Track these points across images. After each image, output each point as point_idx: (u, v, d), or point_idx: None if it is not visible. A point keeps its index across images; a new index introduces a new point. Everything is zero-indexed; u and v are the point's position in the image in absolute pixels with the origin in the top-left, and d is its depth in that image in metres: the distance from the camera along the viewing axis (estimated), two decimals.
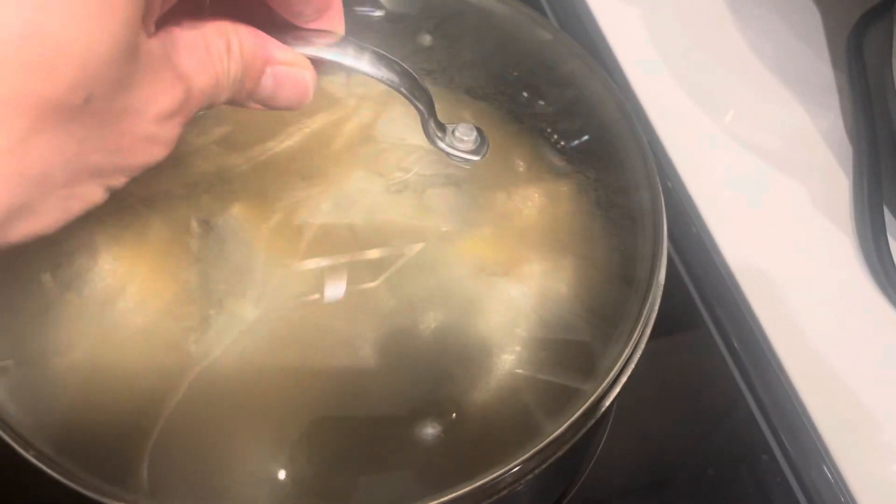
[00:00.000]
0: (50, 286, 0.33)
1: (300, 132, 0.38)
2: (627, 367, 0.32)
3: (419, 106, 0.30)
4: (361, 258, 0.34)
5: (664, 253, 0.34)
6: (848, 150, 0.51)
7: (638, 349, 0.32)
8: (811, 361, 0.43)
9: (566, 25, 0.55)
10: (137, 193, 0.35)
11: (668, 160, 0.50)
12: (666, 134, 0.50)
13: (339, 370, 0.32)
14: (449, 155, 0.33)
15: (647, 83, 0.52)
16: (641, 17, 0.55)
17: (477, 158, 0.33)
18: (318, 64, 0.28)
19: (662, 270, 0.34)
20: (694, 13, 0.56)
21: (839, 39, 0.56)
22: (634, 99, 0.51)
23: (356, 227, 0.35)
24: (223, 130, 0.37)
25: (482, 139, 0.33)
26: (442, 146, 0.33)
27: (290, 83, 0.27)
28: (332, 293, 0.33)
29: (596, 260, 0.36)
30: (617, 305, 0.33)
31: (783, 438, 0.42)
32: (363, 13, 0.41)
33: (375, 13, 0.41)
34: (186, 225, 0.35)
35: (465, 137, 0.33)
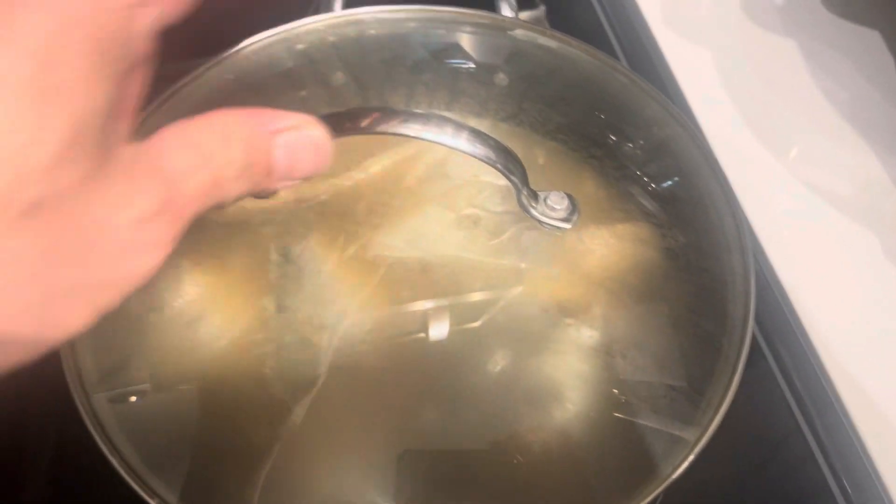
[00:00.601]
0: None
1: (376, 165, 0.39)
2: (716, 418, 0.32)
3: (513, 179, 0.31)
4: (459, 301, 0.35)
5: (752, 318, 0.34)
6: None
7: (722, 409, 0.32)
8: (881, 418, 0.42)
9: (636, 66, 0.55)
10: (217, 220, 0.36)
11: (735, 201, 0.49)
12: (733, 174, 0.50)
13: (422, 406, 0.33)
14: (541, 223, 0.34)
15: (717, 126, 0.52)
16: (712, 59, 0.55)
17: (568, 226, 0.34)
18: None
19: (748, 339, 0.34)
20: (765, 56, 0.56)
21: None
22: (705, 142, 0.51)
23: (427, 262, 0.36)
24: None
25: (573, 207, 0.34)
26: (535, 214, 0.34)
27: (302, 147, 0.25)
28: (435, 333, 0.34)
29: (680, 313, 0.36)
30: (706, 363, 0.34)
31: (845, 483, 0.42)
32: (454, 65, 0.42)
33: (466, 65, 0.42)
34: (266, 252, 0.36)
35: (556, 206, 0.34)
